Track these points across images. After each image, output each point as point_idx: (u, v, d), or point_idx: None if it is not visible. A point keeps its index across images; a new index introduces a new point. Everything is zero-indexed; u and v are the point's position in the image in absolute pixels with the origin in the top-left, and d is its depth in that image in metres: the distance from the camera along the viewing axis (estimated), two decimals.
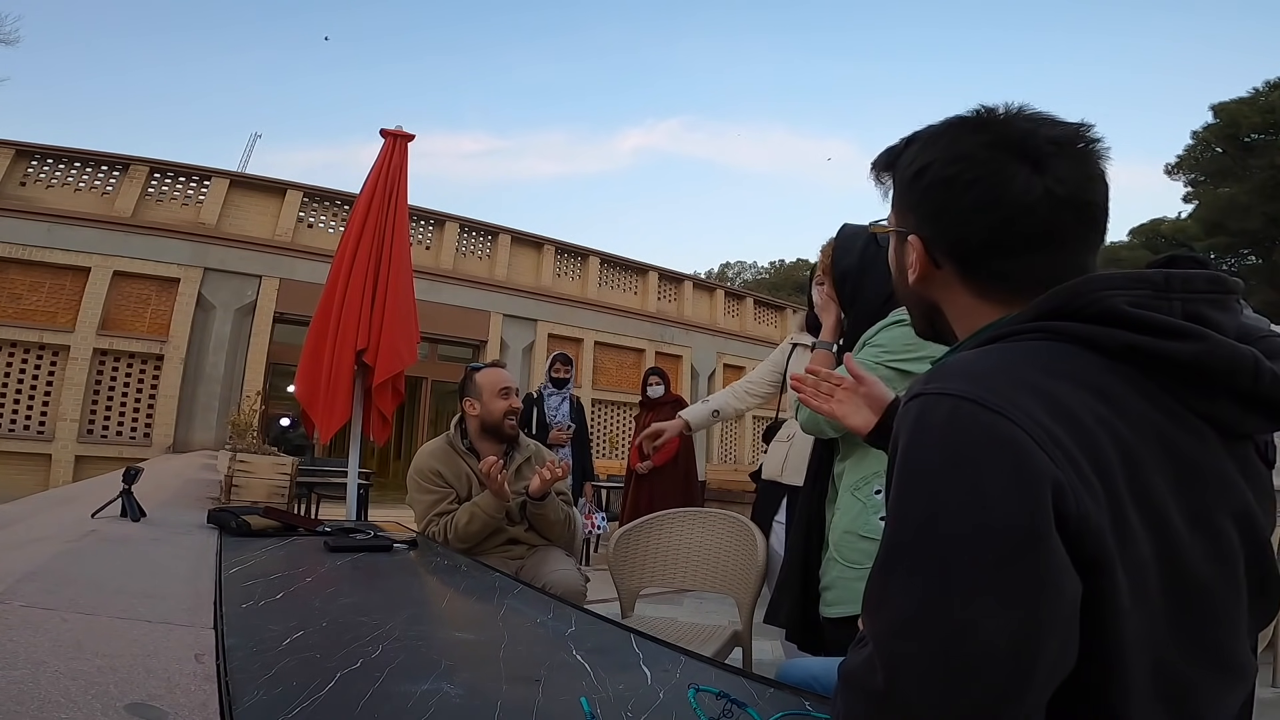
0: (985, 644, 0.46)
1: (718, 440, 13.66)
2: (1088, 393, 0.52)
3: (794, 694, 0.81)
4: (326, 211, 10.66)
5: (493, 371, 2.33)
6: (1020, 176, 0.59)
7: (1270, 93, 19.71)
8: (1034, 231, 0.60)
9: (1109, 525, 0.48)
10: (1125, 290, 0.55)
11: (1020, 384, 0.51)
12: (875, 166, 0.73)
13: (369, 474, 6.21)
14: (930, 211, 0.65)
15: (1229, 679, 0.56)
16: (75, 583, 1.26)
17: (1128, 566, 0.49)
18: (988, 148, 0.61)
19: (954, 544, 0.48)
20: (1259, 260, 21.78)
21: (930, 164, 0.64)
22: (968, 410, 0.50)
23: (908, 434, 0.53)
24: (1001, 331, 0.59)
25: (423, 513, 2.16)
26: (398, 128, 3.19)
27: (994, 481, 0.48)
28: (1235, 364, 0.53)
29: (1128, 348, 0.54)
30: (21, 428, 8.45)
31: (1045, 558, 0.47)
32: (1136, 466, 0.51)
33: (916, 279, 0.68)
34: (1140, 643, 0.50)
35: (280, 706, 0.70)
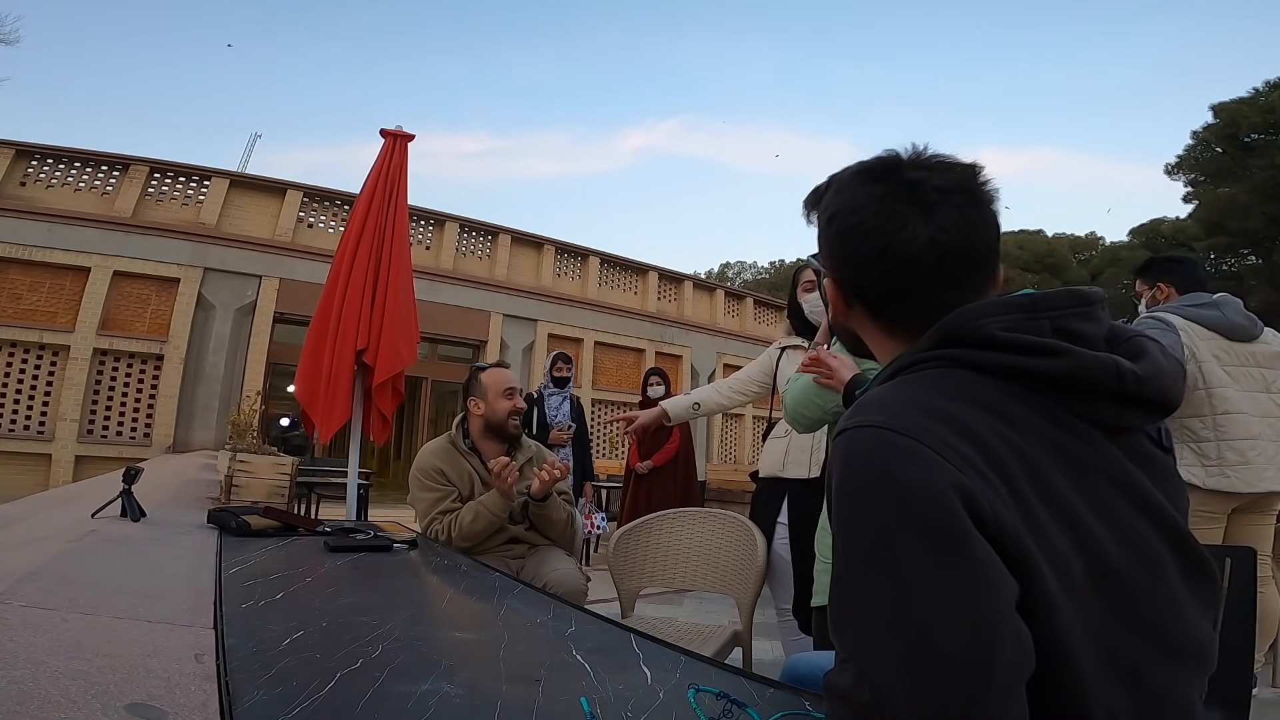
0: (943, 639, 0.50)
1: (718, 440, 13.67)
2: (983, 410, 0.58)
3: (794, 694, 0.81)
4: (326, 211, 10.66)
5: (497, 371, 2.33)
6: (909, 227, 0.65)
7: (1270, 93, 19.70)
8: (923, 279, 0.66)
9: (1023, 526, 0.54)
10: (998, 316, 0.62)
11: (925, 410, 0.58)
12: (806, 206, 0.79)
13: (369, 474, 6.21)
14: (837, 258, 0.72)
15: (1181, 660, 0.59)
16: (75, 583, 1.26)
17: (1050, 561, 0.54)
18: (879, 200, 0.67)
19: (895, 554, 0.53)
20: (1259, 260, 21.77)
21: (836, 213, 0.71)
22: (885, 437, 0.56)
23: (839, 466, 0.59)
24: (903, 364, 0.66)
25: (425, 510, 2.15)
26: (398, 128, 3.19)
27: (916, 494, 0.53)
28: (1099, 372, 0.60)
29: (1006, 367, 0.60)
30: (21, 428, 8.45)
31: (974, 553, 0.52)
32: (1037, 471, 0.57)
33: (835, 314, 0.76)
34: (1082, 631, 0.54)
35: (280, 706, 0.70)
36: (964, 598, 0.51)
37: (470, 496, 2.17)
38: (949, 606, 0.51)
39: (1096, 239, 28.41)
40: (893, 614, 0.52)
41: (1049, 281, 24.26)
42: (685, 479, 5.30)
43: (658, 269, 13.73)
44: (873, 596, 0.53)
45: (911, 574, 0.52)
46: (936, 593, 0.51)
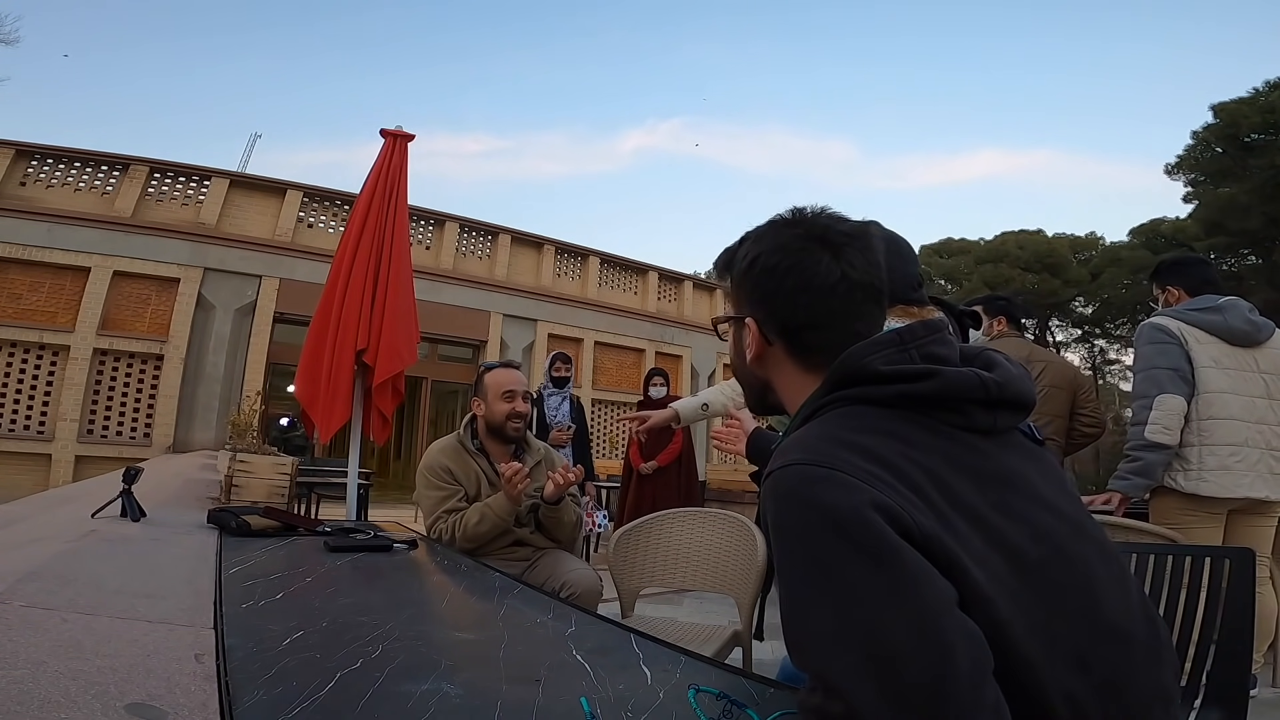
0: (895, 640, 0.54)
1: None
2: (885, 436, 0.65)
3: (794, 694, 0.81)
4: (326, 211, 10.66)
5: (501, 372, 2.31)
6: (824, 262, 0.75)
7: (1270, 93, 19.70)
8: (837, 308, 0.75)
9: (943, 531, 0.59)
10: (877, 353, 0.70)
11: (837, 442, 0.64)
12: (716, 266, 0.87)
13: (369, 474, 6.21)
14: (761, 296, 0.78)
15: (1122, 645, 0.63)
16: (75, 583, 1.26)
17: (974, 560, 0.59)
18: (800, 239, 0.77)
19: (834, 571, 0.58)
20: (1259, 260, 21.76)
21: (759, 255, 0.78)
22: (807, 471, 0.62)
23: (772, 503, 0.64)
24: (811, 409, 0.73)
25: (430, 509, 2.15)
26: (398, 128, 3.19)
27: (843, 516, 0.58)
28: (966, 385, 0.68)
29: (896, 395, 0.68)
30: (21, 428, 8.45)
31: (905, 560, 0.56)
32: (942, 482, 0.62)
33: (753, 357, 0.81)
34: (1022, 623, 0.58)
35: (280, 706, 0.70)
36: (905, 600, 0.55)
37: (477, 496, 2.17)
38: (892, 609, 0.55)
39: (1096, 239, 28.38)
40: (843, 626, 0.56)
41: (1049, 281, 24.26)
42: (687, 479, 5.30)
43: (658, 269, 13.73)
44: (822, 614, 0.58)
45: (852, 586, 0.56)
46: (879, 599, 0.55)
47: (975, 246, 26.01)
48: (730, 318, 0.86)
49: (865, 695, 0.54)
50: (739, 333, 0.84)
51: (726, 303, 0.88)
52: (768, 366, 0.81)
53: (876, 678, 0.54)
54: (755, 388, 0.85)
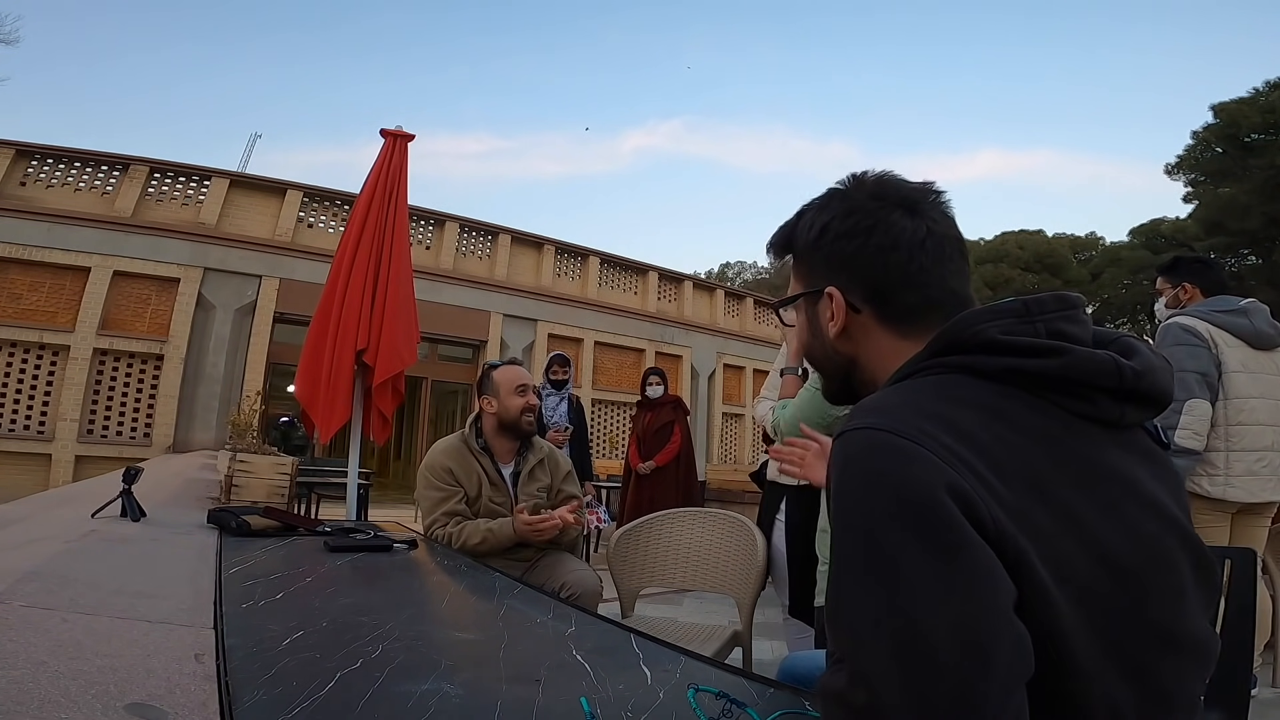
0: (938, 639, 0.50)
1: (718, 440, 13.67)
2: (982, 413, 0.59)
3: (794, 694, 0.81)
4: (326, 211, 10.66)
5: (510, 369, 2.32)
6: (903, 220, 0.70)
7: (1270, 93, 19.70)
8: (929, 264, 0.70)
9: (1019, 527, 0.54)
10: (994, 321, 0.64)
11: (923, 413, 0.58)
12: (773, 246, 0.82)
13: (369, 474, 6.21)
14: (841, 261, 0.73)
15: (1186, 656, 0.60)
16: (75, 583, 1.26)
17: (1049, 562, 0.54)
18: (872, 199, 0.72)
19: (889, 554, 0.53)
20: (1259, 260, 21.76)
21: (829, 222, 0.73)
22: (881, 438, 0.57)
23: (837, 468, 0.59)
24: (905, 372, 0.67)
25: (429, 509, 2.15)
26: (398, 128, 3.19)
27: (910, 494, 0.54)
28: (1097, 368, 0.61)
29: (1007, 370, 0.61)
30: (21, 428, 8.45)
31: (968, 554, 0.52)
32: (1037, 472, 0.57)
33: (837, 331, 0.74)
34: (1084, 630, 0.54)
35: (280, 706, 0.70)
36: (958, 598, 0.51)
37: (477, 497, 2.17)
38: (943, 607, 0.51)
39: (1096, 239, 28.40)
40: (887, 615, 0.52)
41: (1049, 281, 24.26)
42: (687, 479, 5.30)
43: (658, 269, 13.73)
44: (867, 596, 0.54)
45: (906, 574, 0.52)
46: (930, 593, 0.51)
47: (975, 246, 26.01)
48: (800, 295, 0.78)
49: (890, 689, 0.51)
50: (812, 310, 0.77)
51: (791, 284, 0.80)
52: (854, 339, 0.74)
53: (906, 674, 0.51)
54: (838, 368, 0.77)
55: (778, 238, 0.81)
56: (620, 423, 12.19)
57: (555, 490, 2.33)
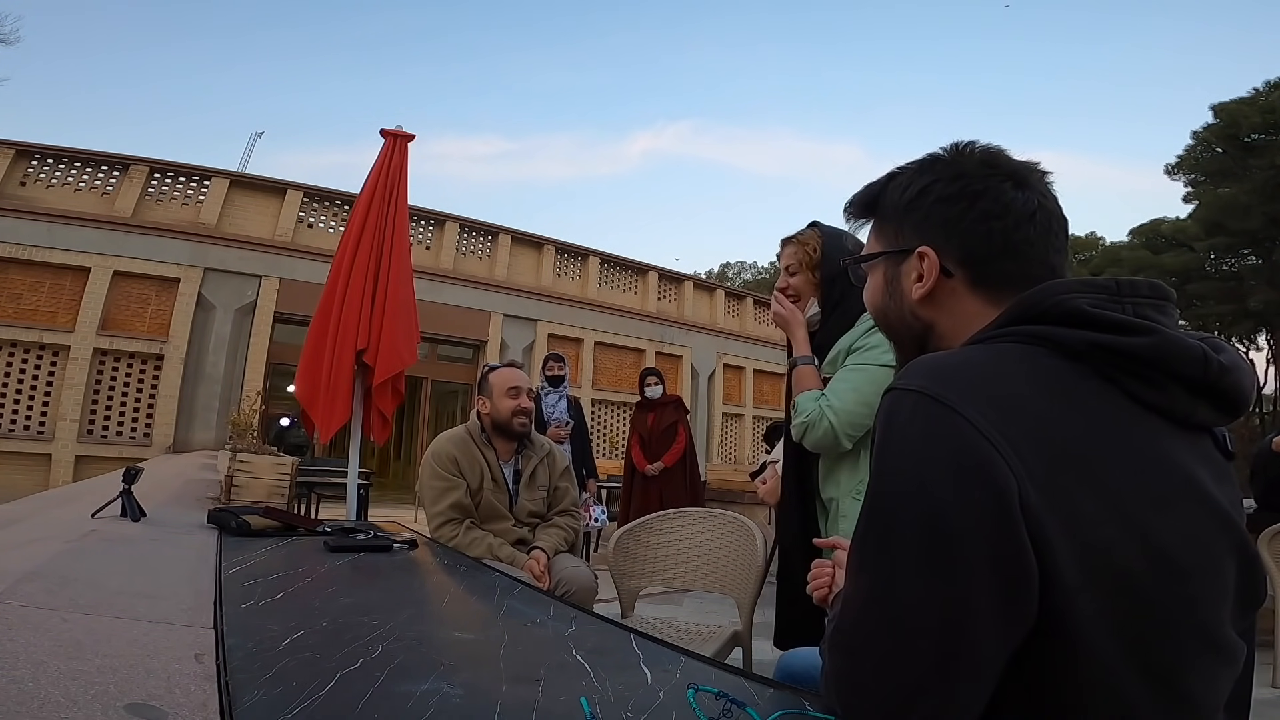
0: (919, 620, 0.53)
1: (718, 440, 13.67)
2: (1045, 389, 0.57)
3: (794, 694, 0.81)
4: (327, 211, 10.67)
5: (505, 371, 2.35)
6: (1013, 192, 0.68)
7: (1270, 93, 19.69)
8: (1034, 237, 0.68)
9: (1053, 512, 0.52)
10: (1085, 294, 0.61)
11: (978, 381, 0.57)
12: (853, 205, 0.80)
13: (369, 474, 6.21)
14: (941, 223, 0.70)
15: (1219, 659, 0.58)
16: (75, 583, 1.26)
17: (1080, 548, 0.53)
18: (981, 167, 0.70)
19: (900, 528, 0.55)
20: (1259, 260, 21.74)
21: (932, 184, 0.71)
22: (924, 404, 0.56)
23: (881, 424, 0.59)
24: (976, 338, 0.65)
25: (434, 499, 2.17)
26: (398, 128, 3.19)
27: (935, 473, 0.54)
28: (1186, 354, 0.58)
29: (1089, 344, 0.59)
30: (21, 428, 8.45)
31: (975, 544, 0.52)
32: (1093, 458, 0.55)
33: (923, 293, 0.71)
34: (1102, 622, 0.53)
35: (280, 706, 0.70)
36: (948, 585, 0.53)
37: (480, 489, 2.20)
38: (931, 591, 0.53)
39: (1096, 239, 28.39)
40: (886, 584, 0.56)
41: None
42: (692, 478, 5.31)
43: (658, 269, 13.74)
44: (877, 561, 0.57)
45: (909, 552, 0.54)
46: (924, 575, 0.53)
47: None
48: (883, 253, 0.75)
49: (863, 657, 0.57)
50: (894, 271, 0.74)
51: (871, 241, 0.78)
52: (939, 304, 0.71)
53: (880, 646, 0.55)
54: (914, 334, 0.74)
55: (861, 196, 0.78)
56: (620, 423, 12.19)
57: (553, 488, 2.34)
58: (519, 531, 2.21)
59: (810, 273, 1.57)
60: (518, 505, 2.25)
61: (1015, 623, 0.53)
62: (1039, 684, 0.55)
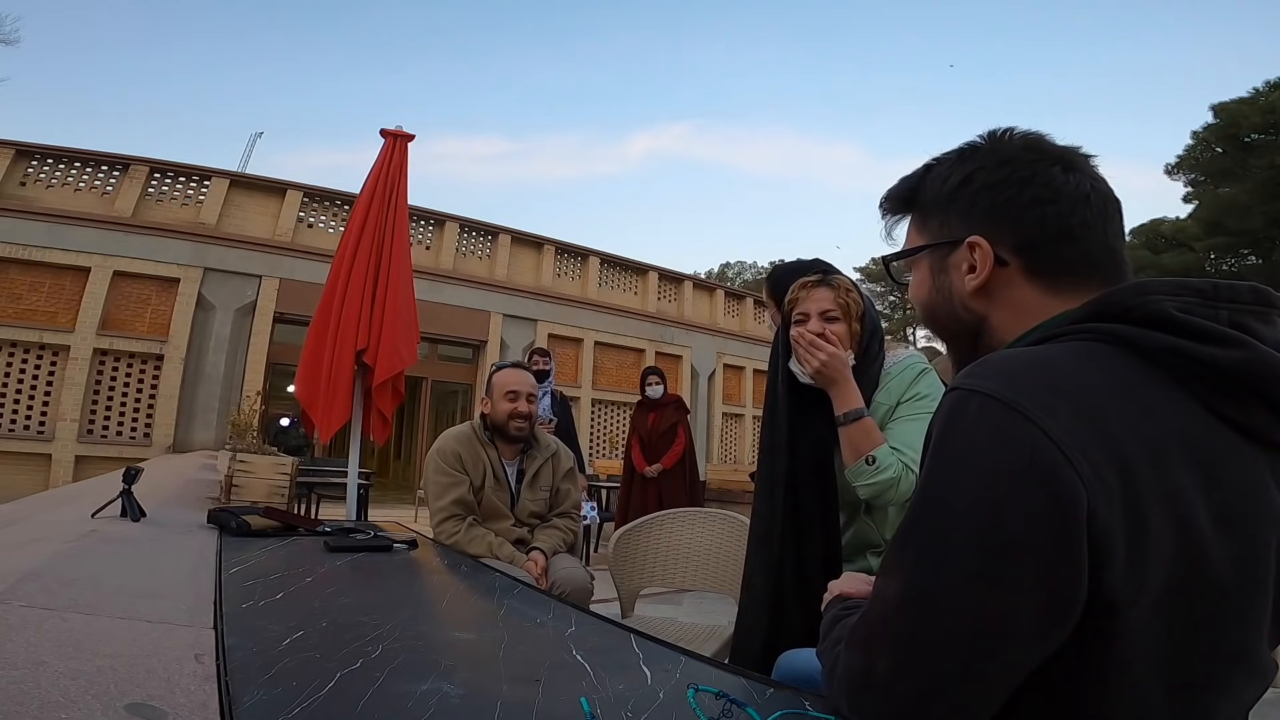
0: (956, 626, 0.52)
1: (718, 440, 13.67)
2: (1120, 394, 0.54)
3: (794, 693, 0.81)
4: (327, 211, 10.66)
5: (507, 373, 2.35)
6: (1062, 175, 0.65)
7: (1270, 93, 19.71)
8: (1092, 219, 0.64)
9: (1120, 523, 0.50)
10: (1173, 296, 0.57)
11: (1051, 384, 0.53)
12: (890, 199, 0.76)
13: (369, 474, 6.21)
14: (988, 212, 0.66)
15: (1246, 679, 0.57)
16: (75, 583, 1.26)
17: (1136, 563, 0.51)
18: (1026, 151, 0.67)
19: (953, 533, 0.53)
20: (1259, 260, 21.76)
21: (975, 172, 0.67)
22: (992, 408, 0.53)
23: (939, 425, 0.57)
24: (1048, 333, 0.62)
25: (438, 494, 2.18)
26: (398, 128, 3.19)
27: (999, 482, 0.51)
28: (1276, 372, 0.55)
29: (1169, 350, 0.55)
30: (21, 428, 8.45)
31: (1031, 558, 0.50)
32: (1163, 468, 0.52)
33: (977, 285, 0.67)
34: (1146, 635, 0.52)
35: (280, 706, 0.70)
36: (993, 597, 0.51)
37: (482, 487, 2.21)
38: (974, 601, 0.52)
39: None
40: (927, 586, 0.54)
41: None
42: (691, 479, 5.31)
43: (658, 269, 13.73)
44: (921, 562, 0.55)
45: (958, 559, 0.52)
46: (971, 583, 0.52)
47: None
48: (927, 246, 0.71)
49: (890, 654, 0.56)
50: (940, 265, 0.70)
51: (913, 235, 0.74)
52: (993, 296, 0.67)
53: (909, 645, 0.54)
54: (966, 330, 0.70)
55: (898, 190, 0.74)
56: (620, 423, 12.19)
57: (555, 489, 2.34)
58: (518, 531, 2.22)
59: (853, 323, 1.44)
60: (519, 505, 2.25)
61: (1050, 637, 0.52)
62: (1063, 688, 0.54)
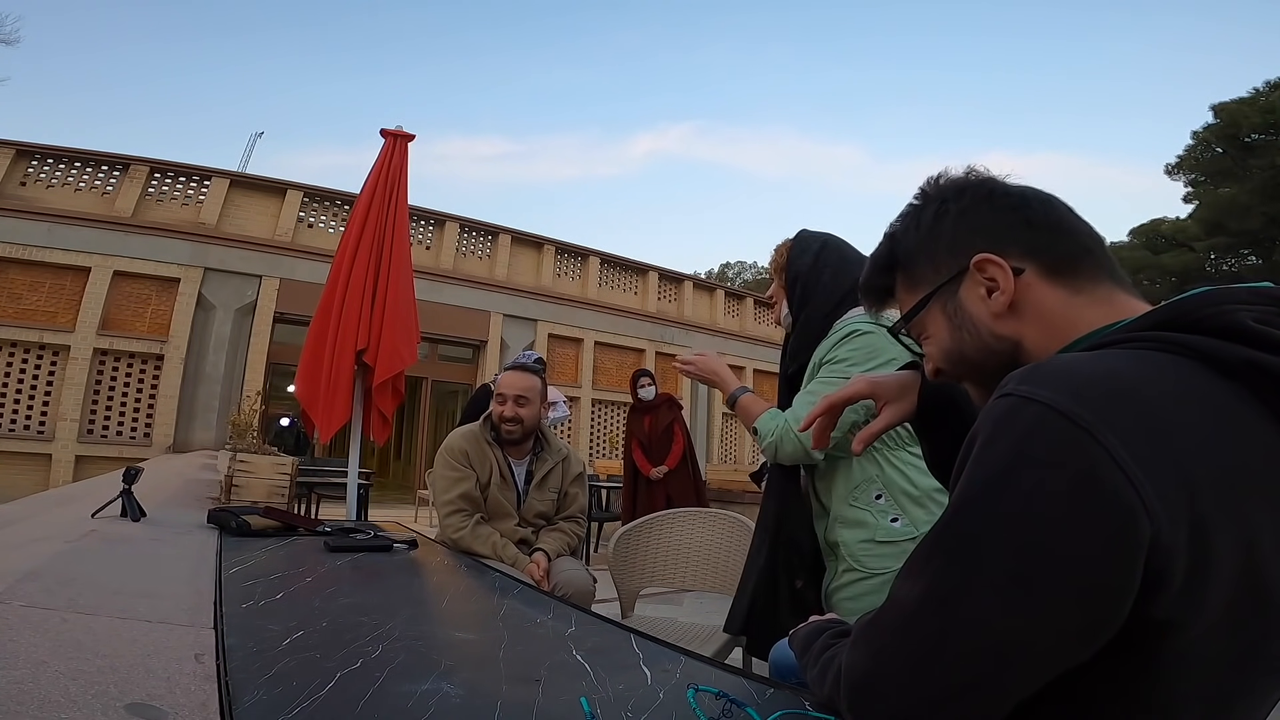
0: (979, 639, 0.50)
1: (718, 440, 13.67)
2: (1193, 409, 0.51)
3: (794, 693, 0.81)
4: (327, 211, 10.67)
5: (504, 375, 2.38)
6: (1009, 184, 0.68)
7: (1270, 93, 19.71)
8: (1063, 211, 0.67)
9: (1183, 547, 0.48)
10: (1249, 305, 0.54)
11: (1118, 396, 0.50)
12: (869, 279, 0.77)
13: (369, 474, 6.21)
14: (976, 230, 0.67)
15: (1272, 681, 0.56)
16: (75, 583, 1.26)
17: (1194, 587, 0.48)
18: (969, 177, 0.70)
19: (991, 546, 0.50)
20: (1259, 260, 21.77)
21: (940, 206, 0.69)
22: (1052, 421, 0.49)
23: (988, 430, 0.53)
24: (1111, 337, 0.58)
25: (445, 488, 2.19)
26: (398, 128, 3.19)
27: (1051, 500, 0.48)
28: None
29: (1246, 363, 0.52)
30: (21, 428, 8.45)
31: (1074, 583, 0.48)
32: (1234, 489, 0.49)
33: (1005, 301, 0.64)
34: (1194, 654, 0.51)
35: (280, 706, 0.70)
36: (1025, 618, 0.49)
37: (488, 484, 2.22)
38: (1004, 620, 0.49)
39: None
40: (955, 596, 0.52)
41: None
42: (695, 478, 5.31)
43: (658, 269, 13.74)
44: (951, 570, 0.52)
45: (993, 574, 0.50)
46: (1003, 601, 0.49)
47: None
48: (936, 289, 0.69)
49: (864, 653, 0.57)
50: (953, 303, 0.68)
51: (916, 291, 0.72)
52: (1021, 312, 0.64)
53: (923, 653, 0.53)
54: (1001, 360, 0.66)
55: (871, 269, 0.75)
56: (620, 423, 12.20)
57: (564, 492, 2.34)
58: (522, 532, 2.22)
59: (779, 275, 1.58)
60: (525, 505, 2.26)
61: (1073, 656, 0.51)
62: (1089, 703, 0.53)
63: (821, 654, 0.67)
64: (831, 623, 0.78)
